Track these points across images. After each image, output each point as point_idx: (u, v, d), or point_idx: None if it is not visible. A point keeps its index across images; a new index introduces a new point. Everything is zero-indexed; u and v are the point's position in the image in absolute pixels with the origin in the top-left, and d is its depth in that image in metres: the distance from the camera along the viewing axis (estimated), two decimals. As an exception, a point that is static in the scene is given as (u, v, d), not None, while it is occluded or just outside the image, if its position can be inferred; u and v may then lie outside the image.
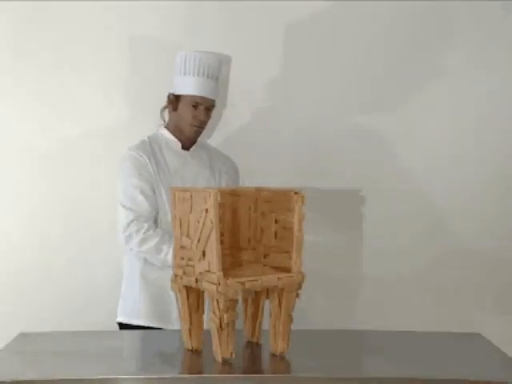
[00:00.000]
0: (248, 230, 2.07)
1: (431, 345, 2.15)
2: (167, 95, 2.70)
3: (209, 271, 1.84)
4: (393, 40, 3.07)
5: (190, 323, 1.97)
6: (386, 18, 3.05)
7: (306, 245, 1.95)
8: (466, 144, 3.11)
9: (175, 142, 2.74)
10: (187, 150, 2.76)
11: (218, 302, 1.82)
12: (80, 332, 2.30)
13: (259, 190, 2.06)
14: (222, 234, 1.95)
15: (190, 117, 2.67)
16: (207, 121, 2.73)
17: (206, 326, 2.00)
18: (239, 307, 1.90)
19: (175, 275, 1.97)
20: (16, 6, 2.94)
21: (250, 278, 1.86)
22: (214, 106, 2.73)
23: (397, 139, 3.09)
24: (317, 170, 3.07)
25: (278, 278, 1.90)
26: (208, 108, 2.70)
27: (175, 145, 2.74)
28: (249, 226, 2.07)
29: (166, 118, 2.78)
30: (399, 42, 3.07)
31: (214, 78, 2.70)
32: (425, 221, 3.11)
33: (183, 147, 2.75)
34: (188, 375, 1.87)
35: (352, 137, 3.08)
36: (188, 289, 1.95)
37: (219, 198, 1.86)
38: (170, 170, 2.68)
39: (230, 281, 1.81)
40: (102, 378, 1.79)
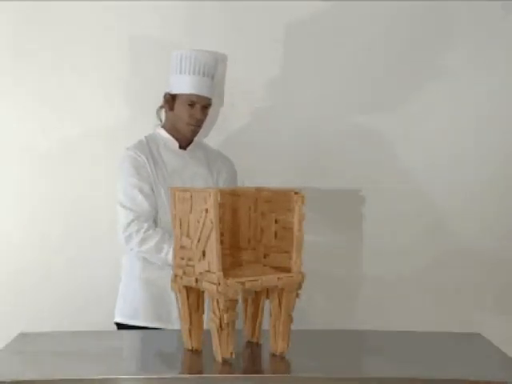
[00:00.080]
0: (248, 230, 2.07)
1: (431, 345, 2.15)
2: (163, 95, 2.71)
3: (209, 271, 1.84)
4: (393, 40, 3.07)
5: (190, 323, 1.97)
6: (386, 18, 3.05)
7: (306, 245, 1.95)
8: (466, 144, 3.11)
9: (172, 142, 2.74)
10: (184, 149, 2.76)
11: (217, 302, 1.82)
12: (80, 332, 2.30)
13: (259, 189, 2.06)
14: (222, 234, 1.95)
15: (186, 116, 2.67)
16: (204, 119, 2.73)
17: (206, 325, 2.00)
18: (239, 307, 1.90)
19: (175, 275, 1.97)
20: (16, 5, 2.94)
21: (250, 278, 1.86)
22: (210, 105, 2.72)
23: (397, 139, 3.09)
24: (317, 170, 3.07)
25: (278, 278, 1.90)
26: (204, 106, 2.70)
27: (172, 144, 2.74)
28: (249, 226, 2.07)
29: (163, 117, 2.78)
30: (399, 42, 3.07)
31: (210, 76, 2.69)
32: (425, 221, 3.11)
33: (180, 146, 2.75)
34: (188, 375, 1.87)
35: (352, 137, 3.08)
36: (188, 289, 1.95)
37: (219, 198, 1.86)
38: (168, 169, 2.68)
39: (230, 281, 1.81)
40: (102, 378, 1.79)
